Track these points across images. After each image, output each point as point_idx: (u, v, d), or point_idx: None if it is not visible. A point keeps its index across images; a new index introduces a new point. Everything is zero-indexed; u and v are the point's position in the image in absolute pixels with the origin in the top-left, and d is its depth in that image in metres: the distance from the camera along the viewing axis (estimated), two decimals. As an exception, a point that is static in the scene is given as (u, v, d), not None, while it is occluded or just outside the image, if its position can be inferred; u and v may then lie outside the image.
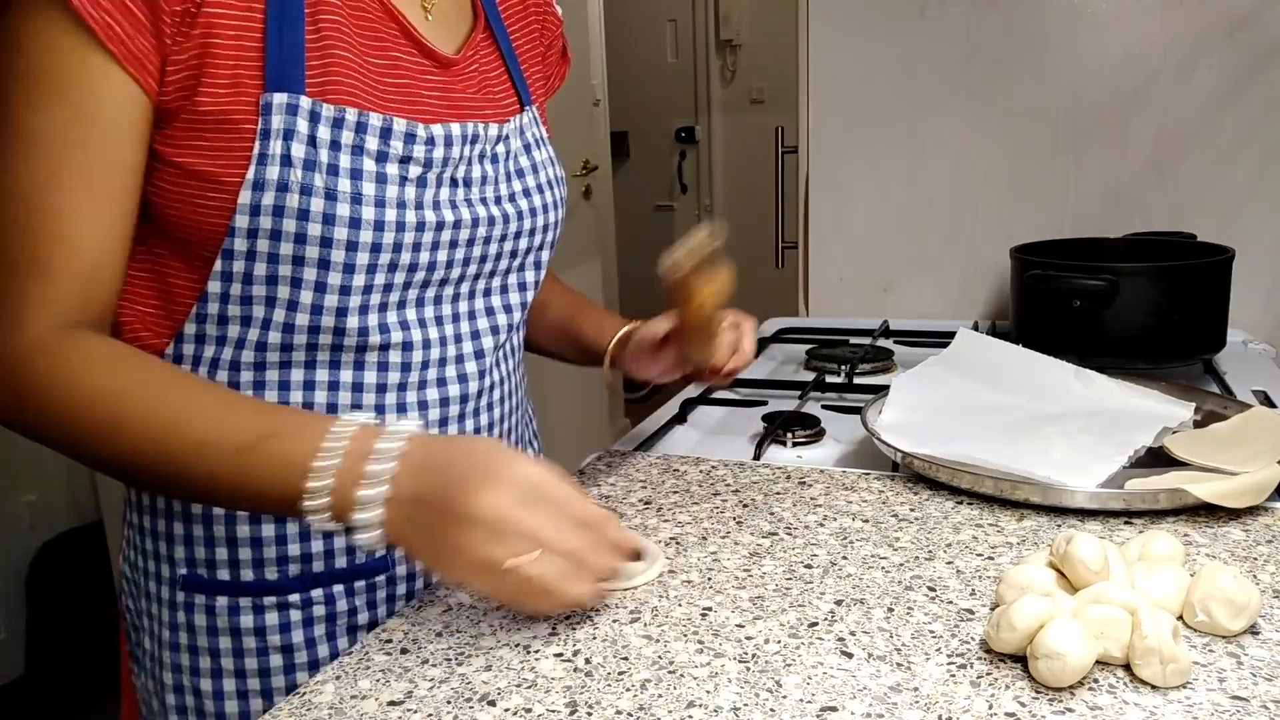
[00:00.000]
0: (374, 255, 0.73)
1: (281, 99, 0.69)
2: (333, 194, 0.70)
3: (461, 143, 0.78)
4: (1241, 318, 1.42)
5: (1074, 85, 1.54)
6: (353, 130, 0.72)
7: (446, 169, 0.77)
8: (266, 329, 0.74)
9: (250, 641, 0.78)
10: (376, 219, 0.72)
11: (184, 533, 0.78)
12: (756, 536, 0.80)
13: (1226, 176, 1.50)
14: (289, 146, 0.69)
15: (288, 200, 0.69)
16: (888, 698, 0.57)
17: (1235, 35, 1.45)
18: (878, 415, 1.02)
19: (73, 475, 2.69)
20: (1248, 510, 0.81)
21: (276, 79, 0.69)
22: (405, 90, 0.76)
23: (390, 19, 0.77)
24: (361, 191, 0.72)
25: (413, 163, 0.75)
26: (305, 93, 0.70)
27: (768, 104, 4.30)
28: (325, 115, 0.70)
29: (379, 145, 0.73)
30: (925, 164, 1.64)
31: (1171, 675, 0.57)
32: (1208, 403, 1.03)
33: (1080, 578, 0.64)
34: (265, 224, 0.70)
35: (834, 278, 1.73)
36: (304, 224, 0.70)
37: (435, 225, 0.76)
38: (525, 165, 0.85)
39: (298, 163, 0.69)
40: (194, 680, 0.79)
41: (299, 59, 0.70)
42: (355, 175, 0.71)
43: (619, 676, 0.61)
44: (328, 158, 0.70)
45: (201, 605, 0.78)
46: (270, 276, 0.72)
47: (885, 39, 1.62)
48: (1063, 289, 1.23)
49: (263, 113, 0.69)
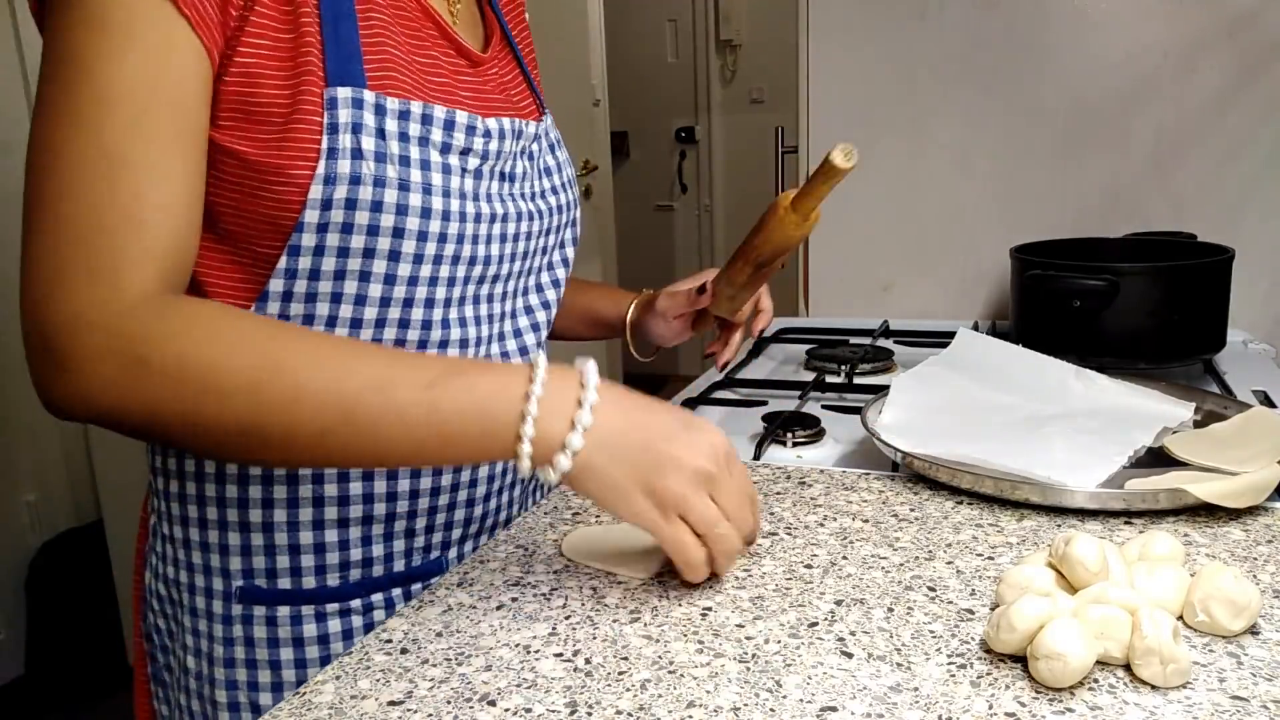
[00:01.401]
0: (440, 245, 0.73)
1: (346, 93, 0.69)
2: (406, 185, 0.70)
3: (511, 137, 0.80)
4: (1241, 318, 1.42)
5: (1074, 85, 1.54)
6: (419, 123, 0.72)
7: (498, 163, 0.79)
8: (333, 326, 0.73)
9: (314, 651, 0.77)
10: (444, 209, 0.73)
11: (240, 543, 0.76)
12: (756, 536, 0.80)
13: (1226, 176, 1.50)
14: (359, 140, 0.69)
15: (360, 193, 0.69)
16: (888, 698, 0.57)
17: (1235, 35, 1.46)
18: (878, 415, 1.02)
19: (73, 475, 2.69)
20: (1248, 510, 0.81)
21: (338, 74, 0.69)
22: (447, 88, 0.77)
23: (427, 18, 0.78)
24: (431, 182, 0.72)
25: (471, 155, 0.76)
26: (368, 86, 0.70)
27: (768, 104, 4.30)
28: (390, 108, 0.71)
29: (443, 137, 0.74)
30: (925, 164, 1.64)
31: (1171, 675, 0.57)
32: (1208, 403, 1.03)
33: (1079, 578, 0.64)
34: (337, 218, 0.69)
35: (834, 278, 1.73)
36: (377, 215, 0.70)
37: (490, 218, 0.77)
38: (551, 164, 0.87)
39: (369, 155, 0.69)
40: (252, 695, 0.77)
41: (357, 54, 0.70)
42: (425, 166, 0.72)
43: (619, 676, 0.61)
44: (398, 149, 0.70)
45: (261, 617, 0.77)
46: (338, 271, 0.71)
47: (885, 39, 1.62)
48: (1063, 289, 1.23)
49: (328, 107, 0.68)
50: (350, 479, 0.76)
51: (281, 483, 0.75)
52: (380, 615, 0.78)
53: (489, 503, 0.84)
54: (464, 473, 0.81)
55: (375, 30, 0.72)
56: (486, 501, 0.84)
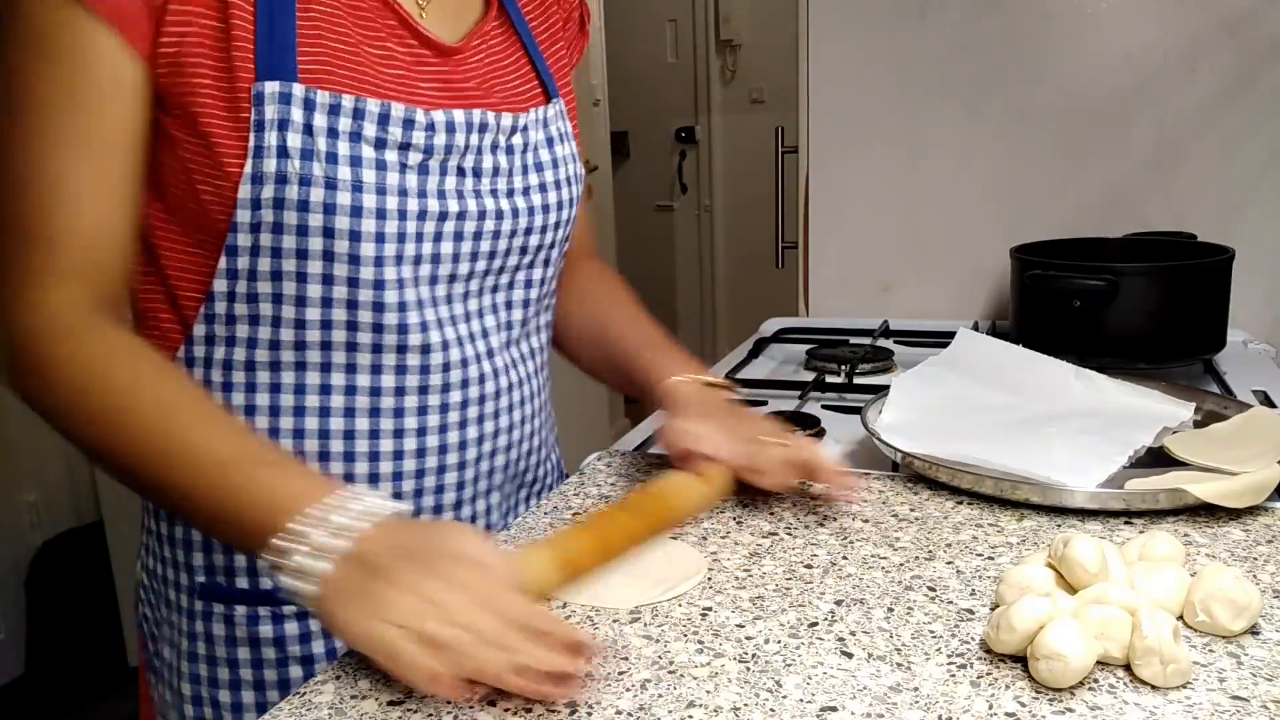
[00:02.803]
0: (379, 245, 0.71)
1: (274, 87, 0.67)
2: (332, 182, 0.69)
3: (466, 130, 0.76)
4: (1241, 318, 1.42)
5: (1074, 85, 1.54)
6: (349, 116, 0.70)
7: (451, 157, 0.75)
8: (277, 327, 0.73)
9: (270, 652, 0.77)
10: (378, 206, 0.71)
11: (203, 539, 0.77)
12: (756, 536, 0.80)
13: (1226, 176, 1.50)
14: (284, 137, 0.68)
15: (287, 192, 0.68)
16: (888, 698, 0.57)
17: (1235, 35, 1.45)
18: (878, 415, 1.02)
19: (73, 475, 2.69)
20: (1248, 510, 0.81)
21: (268, 68, 0.68)
22: (401, 80, 0.74)
23: (387, 9, 0.75)
24: (361, 179, 0.70)
25: (412, 149, 0.73)
26: (298, 80, 0.68)
27: (768, 104, 4.30)
28: (320, 102, 0.69)
29: (376, 131, 0.71)
30: (925, 164, 1.64)
31: (1172, 675, 0.57)
32: (1208, 403, 1.03)
33: (1078, 579, 0.64)
34: (267, 217, 0.69)
35: (834, 278, 1.73)
36: (305, 215, 0.69)
37: (438, 215, 0.74)
38: (545, 159, 0.82)
39: (294, 153, 0.68)
40: (213, 692, 0.78)
41: (290, 46, 0.69)
42: (354, 162, 0.70)
43: (619, 676, 0.61)
44: (325, 145, 0.69)
45: (220, 614, 0.77)
46: (275, 272, 0.71)
47: (885, 39, 1.62)
48: (1063, 289, 1.23)
49: (255, 103, 0.67)
50: None
51: None
52: None
53: (456, 512, 0.82)
54: (428, 478, 0.79)
55: (315, 21, 0.70)
56: (456, 509, 0.82)
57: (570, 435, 3.19)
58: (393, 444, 0.77)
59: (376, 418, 0.76)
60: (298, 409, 0.75)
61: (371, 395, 0.76)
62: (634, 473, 0.95)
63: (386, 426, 0.76)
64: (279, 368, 0.74)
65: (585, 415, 3.08)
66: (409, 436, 0.77)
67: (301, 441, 0.75)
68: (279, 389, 0.75)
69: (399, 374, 0.76)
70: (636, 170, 4.59)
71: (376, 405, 0.76)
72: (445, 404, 0.78)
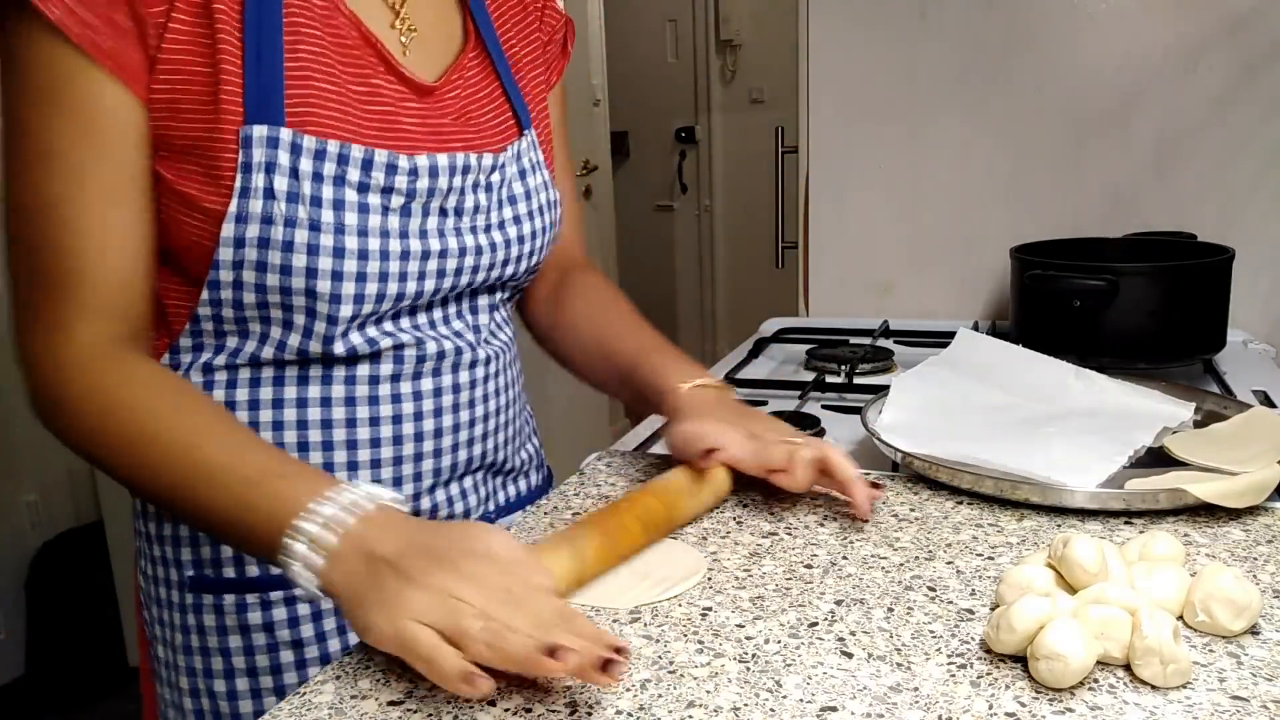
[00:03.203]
0: (360, 285, 0.74)
1: (262, 131, 0.69)
2: (316, 225, 0.71)
3: (449, 174, 0.78)
4: (1241, 318, 1.42)
5: (1074, 85, 1.54)
6: (334, 162, 0.72)
7: (434, 199, 0.78)
8: (263, 343, 0.76)
9: (260, 638, 0.79)
10: (360, 248, 0.73)
11: (190, 534, 0.79)
12: (756, 536, 0.80)
13: (1226, 176, 1.50)
14: (271, 180, 0.70)
15: (272, 233, 0.70)
16: (888, 698, 0.57)
17: (1235, 35, 1.45)
18: (878, 415, 1.02)
19: (73, 476, 2.69)
20: (1248, 510, 0.81)
21: (256, 110, 0.69)
22: (386, 119, 0.76)
23: (369, 47, 0.77)
24: (344, 222, 0.72)
25: (394, 193, 0.75)
26: (285, 124, 0.70)
27: (768, 104, 4.30)
28: (306, 147, 0.71)
29: (360, 176, 0.73)
30: (925, 164, 1.64)
31: (1172, 675, 0.57)
32: (1208, 403, 1.03)
33: (1078, 580, 0.64)
34: (251, 255, 0.71)
35: (834, 278, 1.73)
36: (289, 255, 0.71)
37: (421, 254, 0.77)
38: (519, 192, 0.85)
39: (281, 195, 0.70)
40: (208, 682, 0.80)
41: (278, 89, 0.70)
42: (338, 206, 0.72)
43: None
44: (310, 190, 0.71)
45: (210, 605, 0.79)
46: (260, 303, 0.73)
47: (885, 39, 1.62)
48: (1063, 289, 1.23)
49: (243, 145, 0.69)
50: None
51: None
52: (329, 604, 0.78)
53: (433, 495, 0.84)
54: (406, 465, 0.81)
55: (303, 63, 0.72)
56: (432, 493, 0.83)
57: (570, 435, 3.19)
58: (369, 432, 0.79)
59: (353, 407, 0.78)
60: (276, 401, 0.77)
61: (348, 384, 0.78)
62: (634, 473, 0.95)
63: (362, 415, 0.79)
64: (259, 367, 0.77)
65: (585, 415, 3.08)
66: (385, 424, 0.79)
67: (281, 433, 0.77)
68: (259, 383, 0.77)
69: (374, 363, 0.78)
70: (636, 170, 4.59)
71: (352, 394, 0.78)
72: (419, 392, 0.80)
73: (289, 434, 0.78)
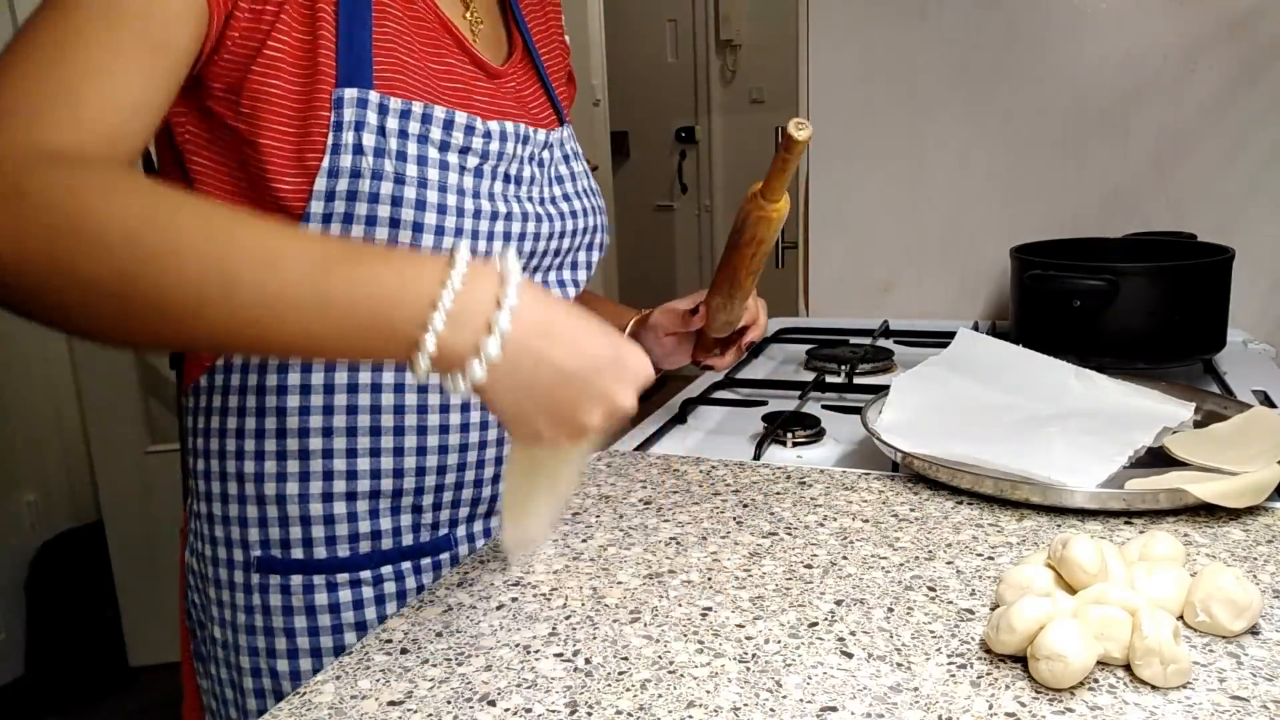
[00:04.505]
0: (438, 237, 0.75)
1: (353, 93, 0.73)
2: (401, 178, 0.74)
3: (516, 140, 0.83)
4: (1241, 318, 1.42)
5: (1074, 85, 1.54)
6: (419, 121, 0.76)
7: (501, 164, 0.82)
8: None
9: (325, 619, 0.81)
10: (440, 202, 0.76)
11: (258, 515, 0.80)
12: (756, 536, 0.80)
13: (1226, 176, 1.50)
14: (360, 136, 0.73)
15: (360, 185, 0.73)
16: (888, 698, 0.57)
17: (1235, 35, 1.45)
18: (878, 415, 1.02)
19: (73, 475, 2.69)
20: (1248, 510, 0.81)
21: (348, 75, 0.73)
22: (460, 92, 0.81)
23: (446, 31, 0.82)
24: (427, 176, 0.75)
25: (470, 153, 0.79)
26: (374, 87, 0.74)
27: (768, 104, 4.30)
28: (393, 108, 0.74)
29: (442, 135, 0.77)
30: (925, 164, 1.64)
31: (1172, 675, 0.57)
32: (1208, 403, 1.03)
33: (1077, 580, 0.64)
34: (339, 208, 0.73)
35: (834, 278, 1.73)
36: (374, 206, 0.73)
37: (490, 215, 0.79)
38: (565, 173, 0.90)
39: (369, 150, 0.73)
40: (271, 663, 0.81)
41: (367, 57, 0.74)
42: (421, 161, 0.75)
43: (619, 676, 0.61)
44: (396, 145, 0.74)
45: (276, 585, 0.81)
46: None
47: (885, 39, 1.62)
48: (1063, 289, 1.23)
49: (335, 106, 0.72)
50: (358, 455, 0.79)
51: (294, 458, 0.79)
52: (390, 587, 0.82)
53: (498, 485, 0.85)
54: (470, 453, 0.83)
55: (389, 35, 0.76)
56: (495, 484, 0.85)
57: (570, 435, 3.16)
58: (438, 419, 0.81)
59: (424, 393, 0.80)
60: (350, 386, 0.78)
61: (395, 392, 0.79)
62: (634, 473, 0.95)
63: (433, 402, 0.80)
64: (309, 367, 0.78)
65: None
66: (454, 411, 0.81)
67: (355, 417, 0.79)
68: (333, 366, 0.78)
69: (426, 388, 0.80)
70: (636, 170, 4.59)
71: (401, 402, 0.79)
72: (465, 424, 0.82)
73: (362, 417, 0.78)
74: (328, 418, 0.79)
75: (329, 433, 0.79)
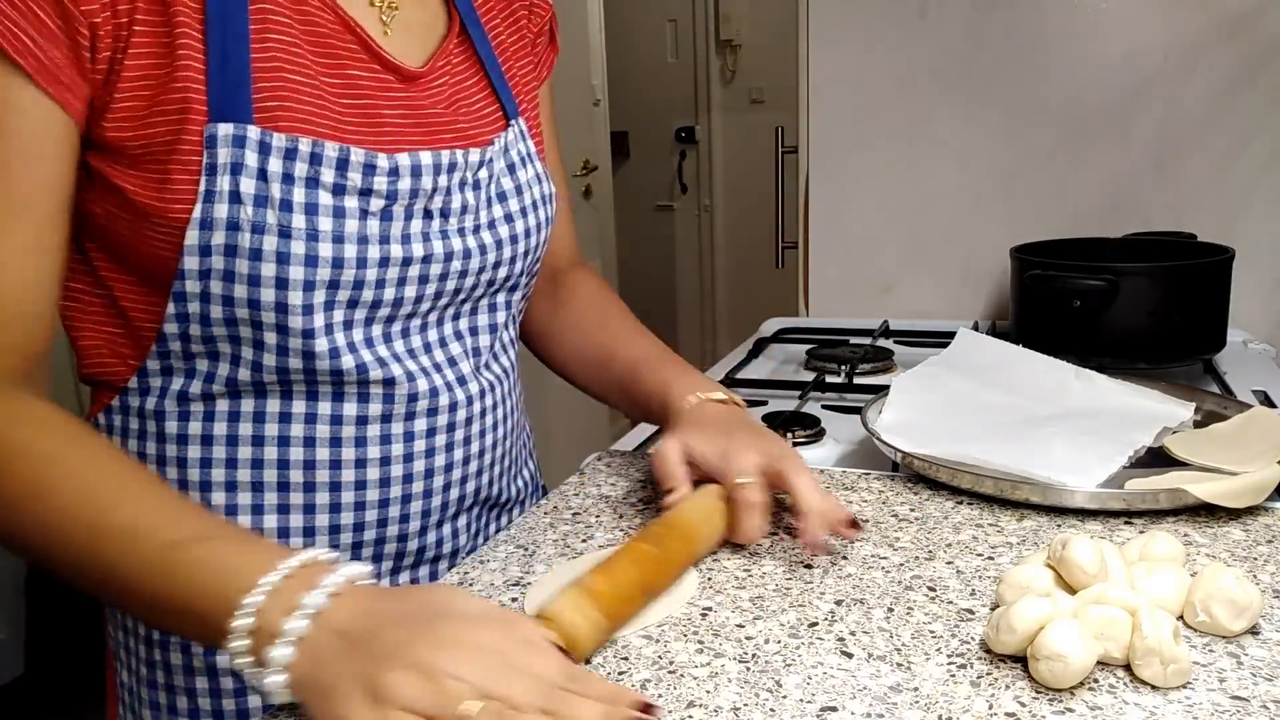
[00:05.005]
0: (331, 292, 0.68)
1: (227, 130, 0.64)
2: (286, 231, 0.66)
3: (434, 173, 0.73)
4: (1241, 318, 1.42)
5: (1074, 85, 1.54)
6: (306, 161, 0.66)
7: (418, 200, 0.72)
8: (236, 365, 0.71)
9: (228, 681, 0.75)
10: (335, 256, 0.67)
11: None
12: (756, 536, 0.80)
13: (1226, 176, 1.50)
14: (238, 182, 0.64)
15: (239, 240, 0.65)
16: (888, 698, 0.57)
17: (1235, 35, 1.45)
18: (878, 415, 1.02)
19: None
20: (1248, 510, 0.81)
21: (220, 108, 0.64)
22: (365, 112, 0.71)
23: (347, 31, 0.72)
24: (318, 227, 0.67)
25: (374, 195, 0.70)
26: (253, 121, 0.65)
27: (768, 104, 4.30)
28: (276, 146, 0.65)
29: (335, 177, 0.68)
30: (925, 164, 1.64)
31: (1172, 676, 0.57)
32: (1208, 403, 1.03)
33: (1077, 581, 0.64)
34: (218, 265, 0.66)
35: (834, 278, 1.73)
36: (257, 264, 0.65)
37: (402, 260, 0.71)
38: (509, 187, 0.80)
39: (248, 199, 0.65)
40: (170, 719, 0.76)
41: (244, 83, 0.65)
42: (310, 210, 0.67)
43: (619, 676, 0.61)
44: (280, 192, 0.66)
45: (177, 644, 0.75)
46: (228, 319, 0.68)
47: (885, 39, 1.62)
48: (1063, 289, 1.23)
49: (207, 145, 0.64)
50: (264, 512, 0.73)
51: None
52: None
53: (424, 537, 0.79)
54: (392, 507, 0.76)
55: (272, 54, 0.67)
56: (422, 536, 0.79)
57: (570, 435, 3.19)
58: (354, 474, 0.74)
59: (338, 447, 0.73)
60: (256, 438, 0.72)
61: (333, 424, 0.73)
62: (634, 473, 0.95)
63: (348, 456, 0.73)
64: (238, 397, 0.72)
65: (585, 415, 3.08)
66: (371, 466, 0.74)
67: (260, 472, 0.73)
68: (238, 417, 0.72)
69: (361, 403, 0.73)
70: (636, 170, 4.59)
71: (338, 434, 0.73)
72: (410, 433, 0.76)
73: (269, 472, 0.73)
74: (230, 471, 0.72)
75: (232, 487, 0.72)
